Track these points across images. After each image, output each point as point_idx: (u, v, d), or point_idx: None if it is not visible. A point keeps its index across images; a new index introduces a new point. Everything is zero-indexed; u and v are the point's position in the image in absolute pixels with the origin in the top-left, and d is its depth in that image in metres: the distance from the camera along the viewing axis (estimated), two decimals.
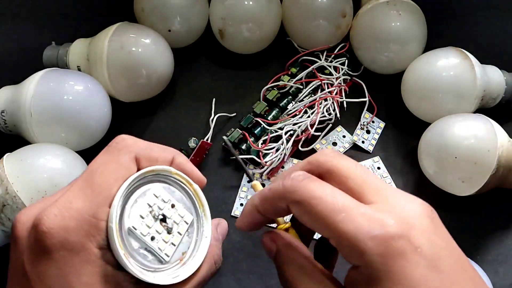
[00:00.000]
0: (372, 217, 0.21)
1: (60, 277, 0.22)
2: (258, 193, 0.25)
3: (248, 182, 0.26)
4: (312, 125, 0.43)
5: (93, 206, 0.23)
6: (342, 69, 0.48)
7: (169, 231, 0.26)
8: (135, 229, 0.25)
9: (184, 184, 0.28)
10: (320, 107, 0.44)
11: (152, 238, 0.25)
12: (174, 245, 0.26)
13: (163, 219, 0.26)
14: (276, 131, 0.43)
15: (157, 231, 0.26)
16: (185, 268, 0.26)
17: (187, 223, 0.27)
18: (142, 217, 0.25)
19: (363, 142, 0.45)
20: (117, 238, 0.24)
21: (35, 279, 0.22)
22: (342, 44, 0.49)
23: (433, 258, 0.20)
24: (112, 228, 0.23)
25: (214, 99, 0.47)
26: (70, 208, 0.23)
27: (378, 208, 0.22)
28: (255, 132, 0.44)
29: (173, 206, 0.27)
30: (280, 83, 0.47)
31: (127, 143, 0.26)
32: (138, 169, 0.26)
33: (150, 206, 0.26)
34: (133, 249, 0.25)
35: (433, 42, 0.46)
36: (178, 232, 0.27)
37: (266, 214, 0.25)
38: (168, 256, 0.26)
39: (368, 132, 0.46)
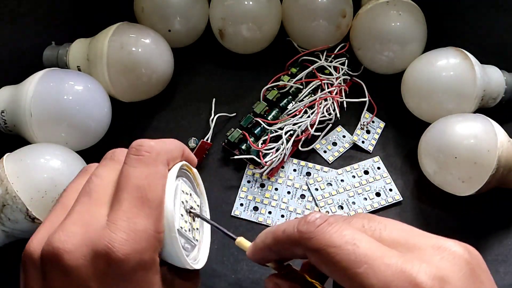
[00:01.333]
0: (399, 269, 0.18)
1: None
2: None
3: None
4: (312, 125, 0.43)
5: (155, 222, 0.24)
6: (342, 69, 0.48)
7: (194, 219, 0.28)
8: (182, 228, 0.26)
9: (186, 170, 0.29)
10: (320, 107, 0.44)
11: (190, 230, 0.27)
12: (198, 229, 0.28)
13: (190, 210, 0.27)
14: (276, 131, 0.43)
15: (189, 222, 0.27)
16: (206, 246, 0.28)
17: (198, 206, 0.29)
18: (182, 215, 0.26)
19: (363, 142, 0.45)
20: (181, 246, 0.25)
21: None
22: (342, 44, 0.49)
23: None
24: (177, 237, 0.24)
25: (214, 99, 0.47)
26: (137, 230, 0.23)
27: (406, 256, 0.19)
28: (255, 132, 0.43)
29: (190, 194, 0.28)
30: (280, 83, 0.47)
31: (156, 150, 0.26)
32: None
33: (183, 203, 0.27)
34: (183, 246, 0.26)
35: (433, 42, 0.46)
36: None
37: (282, 256, 0.24)
38: (197, 241, 0.27)
39: (368, 132, 0.46)
